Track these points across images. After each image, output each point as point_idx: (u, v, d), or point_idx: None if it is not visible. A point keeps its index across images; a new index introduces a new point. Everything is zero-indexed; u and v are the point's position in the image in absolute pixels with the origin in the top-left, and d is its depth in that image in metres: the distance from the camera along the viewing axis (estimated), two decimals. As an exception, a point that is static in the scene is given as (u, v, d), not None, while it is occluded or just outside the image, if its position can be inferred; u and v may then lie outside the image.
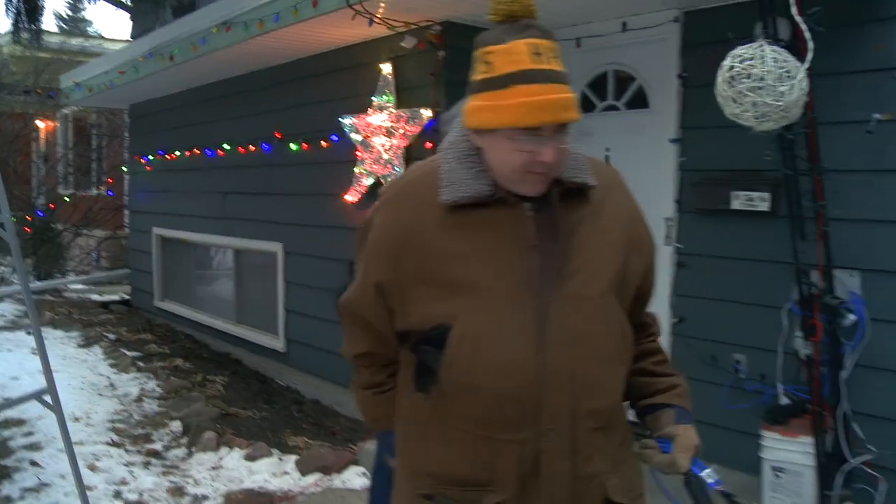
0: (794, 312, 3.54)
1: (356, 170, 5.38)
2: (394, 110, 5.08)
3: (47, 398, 3.43)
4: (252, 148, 6.74)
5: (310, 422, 5.48)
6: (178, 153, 8.11)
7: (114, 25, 61.78)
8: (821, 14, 3.00)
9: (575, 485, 1.50)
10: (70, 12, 34.15)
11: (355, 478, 4.28)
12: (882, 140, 3.30)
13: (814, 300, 3.32)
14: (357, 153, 5.37)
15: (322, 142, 5.79)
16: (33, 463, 4.46)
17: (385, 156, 5.15)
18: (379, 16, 4.42)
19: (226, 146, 7.15)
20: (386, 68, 5.12)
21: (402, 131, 5.02)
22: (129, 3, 12.70)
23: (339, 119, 5.43)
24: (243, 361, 7.11)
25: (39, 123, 14.26)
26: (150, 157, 8.83)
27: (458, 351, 1.47)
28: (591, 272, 1.52)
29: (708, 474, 1.56)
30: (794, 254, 3.32)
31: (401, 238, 1.53)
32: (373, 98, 5.20)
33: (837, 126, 3.37)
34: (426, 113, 4.84)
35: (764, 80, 2.76)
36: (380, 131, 5.18)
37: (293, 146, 6.16)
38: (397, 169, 5.05)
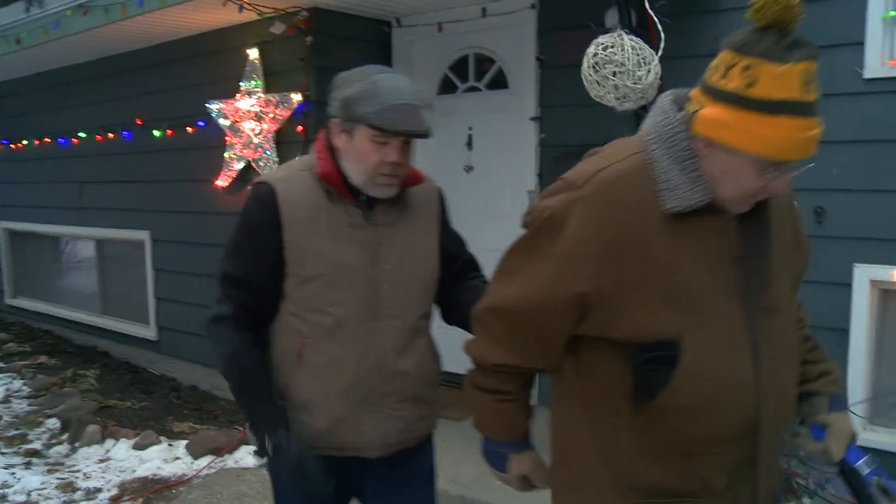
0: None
1: (226, 155, 5.39)
2: (262, 95, 5.13)
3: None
4: (111, 135, 6.55)
5: (191, 407, 5.47)
6: (25, 142, 7.73)
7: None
8: (665, 5, 3.36)
9: (768, 493, 1.54)
10: None
11: (248, 457, 4.36)
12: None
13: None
14: (226, 138, 5.38)
15: (188, 127, 5.73)
16: None
17: (255, 140, 5.20)
18: (248, 1, 4.46)
19: (81, 134, 6.90)
20: (253, 53, 5.15)
21: (271, 116, 5.09)
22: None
23: (206, 104, 5.41)
24: (112, 353, 6.92)
25: None
26: (-8, 147, 8.36)
27: (689, 372, 1.37)
28: (780, 284, 1.49)
29: (865, 463, 1.50)
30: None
31: (616, 240, 1.37)
32: (241, 83, 5.22)
33: (682, 104, 3.78)
34: (296, 97, 4.94)
35: (624, 65, 3.08)
36: (249, 116, 5.21)
37: (156, 132, 6.06)
38: (268, 153, 5.12)
